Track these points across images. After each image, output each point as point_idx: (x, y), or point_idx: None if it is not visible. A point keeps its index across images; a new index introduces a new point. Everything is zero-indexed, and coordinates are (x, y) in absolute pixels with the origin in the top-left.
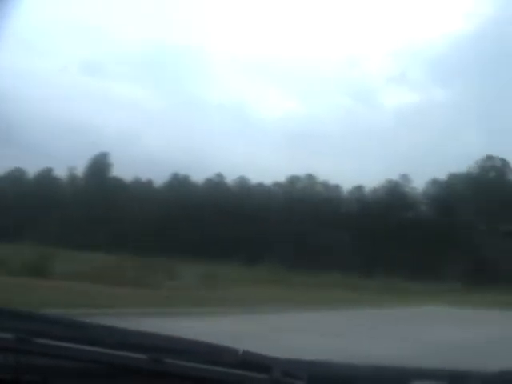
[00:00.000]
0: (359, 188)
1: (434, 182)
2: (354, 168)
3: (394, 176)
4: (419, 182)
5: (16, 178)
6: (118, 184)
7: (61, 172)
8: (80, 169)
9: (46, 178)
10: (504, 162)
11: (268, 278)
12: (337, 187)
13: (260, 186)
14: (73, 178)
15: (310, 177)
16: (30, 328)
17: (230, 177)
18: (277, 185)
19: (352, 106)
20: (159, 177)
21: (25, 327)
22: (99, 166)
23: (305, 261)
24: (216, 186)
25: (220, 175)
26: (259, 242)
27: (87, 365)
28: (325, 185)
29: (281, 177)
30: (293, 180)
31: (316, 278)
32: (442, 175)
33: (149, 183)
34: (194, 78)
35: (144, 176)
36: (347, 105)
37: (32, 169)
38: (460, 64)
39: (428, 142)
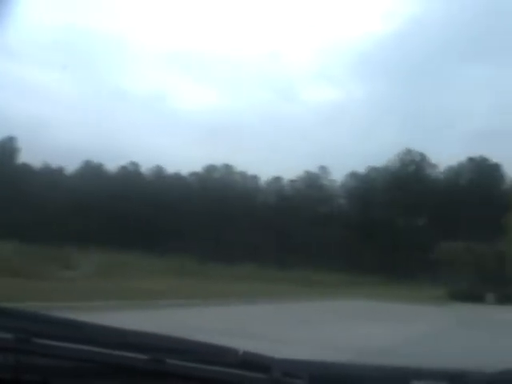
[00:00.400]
0: (277, 179)
1: (353, 175)
2: (273, 159)
3: (314, 168)
4: (338, 175)
5: None
6: (26, 170)
7: None
8: None
9: None
10: (423, 156)
11: (179, 269)
12: (254, 178)
13: (176, 175)
14: None
15: (227, 167)
16: (30, 328)
17: (146, 166)
18: (193, 174)
19: (273, 100)
20: (71, 164)
21: (25, 327)
22: (6, 150)
23: (220, 252)
24: (130, 174)
25: (135, 164)
26: (172, 233)
27: (87, 365)
28: (242, 175)
29: (198, 167)
30: (209, 170)
31: (231, 270)
32: (361, 168)
33: (59, 170)
34: (112, 67)
35: (55, 163)
36: (268, 99)
37: None
38: (381, 62)
39: (348, 136)
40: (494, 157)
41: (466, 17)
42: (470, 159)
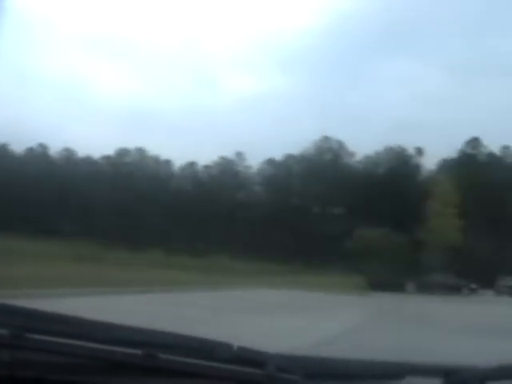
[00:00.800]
0: (192, 164)
1: (270, 162)
2: (188, 144)
3: (230, 154)
4: (255, 162)
5: None
6: None
7: None
8: None
9: None
10: (340, 144)
11: (79, 254)
12: (168, 162)
13: (87, 159)
14: None
15: (140, 151)
16: (25, 324)
17: (55, 149)
18: (105, 158)
19: (192, 87)
20: None
21: (19, 323)
22: None
23: (129, 239)
24: (37, 156)
25: (43, 145)
26: (80, 217)
27: (82, 360)
28: (155, 159)
29: (110, 150)
30: (122, 153)
31: (138, 256)
32: (278, 156)
33: None
34: (22, 47)
35: None
36: (187, 86)
37: None
38: (304, 55)
39: (267, 124)
40: (411, 147)
41: (383, 14)
42: (388, 148)
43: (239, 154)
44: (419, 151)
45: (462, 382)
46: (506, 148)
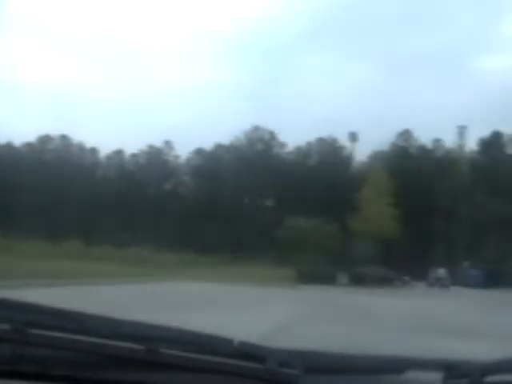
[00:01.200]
0: (118, 153)
1: (199, 152)
2: (115, 132)
3: (158, 142)
4: (184, 151)
5: None
6: None
7: None
8: None
9: None
10: (272, 134)
11: None
12: (93, 150)
13: (8, 145)
14: None
15: (64, 138)
16: (26, 319)
17: None
18: (27, 145)
19: (120, 74)
20: None
21: (21, 318)
22: None
23: (47, 229)
24: None
25: None
26: None
27: (84, 355)
28: (80, 147)
29: (32, 137)
30: (44, 140)
31: (53, 247)
32: (208, 146)
33: None
34: None
35: None
36: (114, 72)
37: None
38: (236, 46)
39: (198, 114)
40: (344, 137)
41: (314, 10)
42: (320, 139)
43: (168, 143)
44: (353, 136)
45: (462, 376)
46: (437, 141)
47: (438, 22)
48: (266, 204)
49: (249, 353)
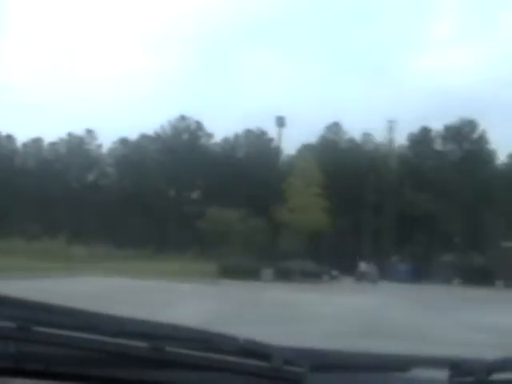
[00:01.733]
0: (37, 141)
1: (123, 142)
2: (33, 119)
3: (79, 131)
4: (107, 141)
5: None
6: None
7: None
8: None
9: None
10: (199, 124)
11: None
12: (10, 138)
13: None
14: None
15: None
16: (31, 316)
17: None
18: None
19: (39, 58)
20: None
21: (25, 315)
22: None
23: None
24: None
25: None
26: None
27: (88, 353)
28: None
29: None
30: None
31: None
32: (133, 135)
33: None
34: None
35: None
36: (33, 56)
37: None
38: (169, 34)
39: (121, 102)
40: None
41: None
42: (248, 131)
43: (90, 132)
44: (280, 121)
45: (468, 373)
46: (367, 135)
47: (372, 20)
48: (191, 196)
49: (254, 350)
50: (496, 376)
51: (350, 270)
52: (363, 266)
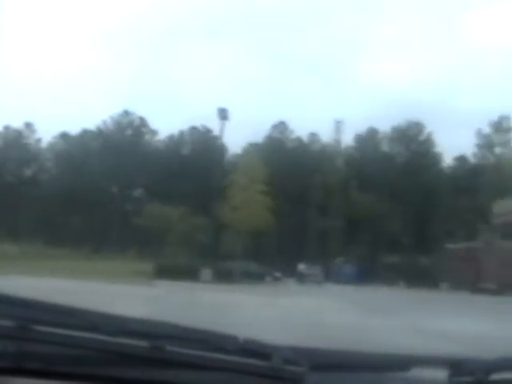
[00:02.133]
0: None
1: (64, 136)
2: None
3: (17, 124)
4: (47, 135)
5: None
6: None
7: None
8: None
9: None
10: (143, 120)
11: None
12: None
13: None
14: None
15: None
16: (31, 315)
17: None
18: None
19: None
20: None
21: (25, 315)
22: None
23: None
24: None
25: None
26: None
27: (89, 352)
28: None
29: None
30: None
31: None
32: (74, 130)
33: None
34: None
35: None
36: None
37: None
38: (114, 28)
39: (62, 95)
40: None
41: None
42: (193, 128)
43: (28, 125)
44: (222, 113)
45: (467, 373)
46: (313, 135)
47: (321, 20)
48: (133, 193)
49: (254, 350)
50: (496, 376)
51: (294, 271)
52: (302, 267)
